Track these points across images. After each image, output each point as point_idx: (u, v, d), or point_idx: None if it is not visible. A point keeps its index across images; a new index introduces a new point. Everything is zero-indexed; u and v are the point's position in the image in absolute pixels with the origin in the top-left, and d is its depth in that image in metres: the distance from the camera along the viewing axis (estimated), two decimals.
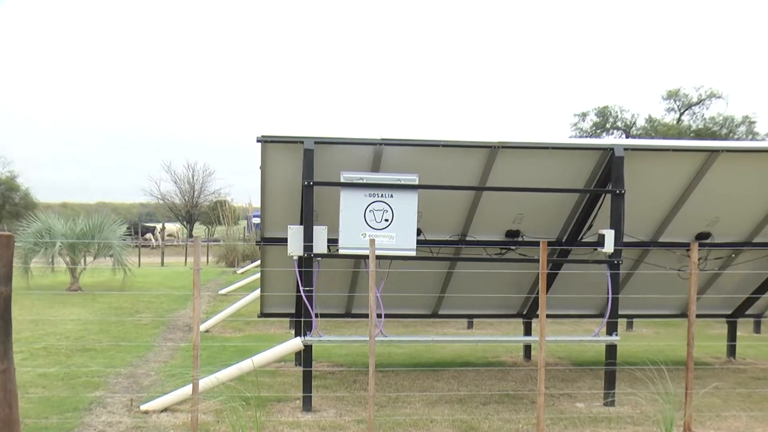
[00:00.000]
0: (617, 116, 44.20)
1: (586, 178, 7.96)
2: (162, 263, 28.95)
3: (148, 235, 42.89)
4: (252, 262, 23.28)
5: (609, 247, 7.39)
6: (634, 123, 44.41)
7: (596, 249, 7.69)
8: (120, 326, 12.35)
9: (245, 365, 7.13)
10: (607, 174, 7.66)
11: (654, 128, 41.96)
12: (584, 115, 44.78)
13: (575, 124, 44.98)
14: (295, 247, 7.18)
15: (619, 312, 7.74)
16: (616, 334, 7.53)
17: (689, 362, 6.53)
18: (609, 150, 7.59)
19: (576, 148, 7.83)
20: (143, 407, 6.99)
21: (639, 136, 42.11)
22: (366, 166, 7.56)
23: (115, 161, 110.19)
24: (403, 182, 7.09)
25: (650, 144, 8.38)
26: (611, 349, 7.61)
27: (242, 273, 21.90)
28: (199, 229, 53.49)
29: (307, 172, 7.06)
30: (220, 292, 17.34)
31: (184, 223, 53.09)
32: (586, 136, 43.40)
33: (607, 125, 44.15)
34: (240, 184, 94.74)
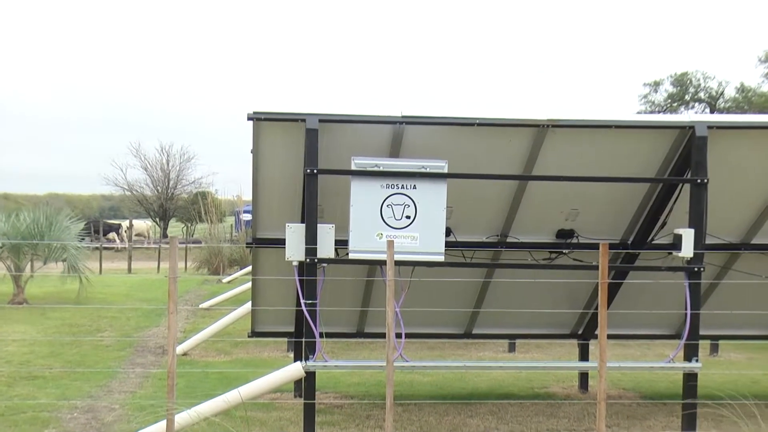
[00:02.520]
0: (699, 85, 43.97)
1: (658, 165, 7.96)
2: (129, 270, 29.08)
3: (112, 235, 43.22)
4: (241, 269, 23.28)
5: (687, 250, 7.39)
6: (722, 93, 44.13)
7: (671, 253, 7.69)
8: (76, 348, 12.47)
9: (232, 397, 7.17)
10: (686, 159, 7.66)
11: (747, 100, 41.62)
12: (657, 84, 44.59)
13: (645, 96, 44.79)
14: (294, 251, 7.22)
15: (701, 332, 7.71)
16: (697, 360, 7.53)
17: None
18: (688, 128, 7.58)
19: (646, 127, 7.83)
20: None
21: (728, 111, 41.80)
22: (382, 150, 7.60)
23: (70, 143, 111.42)
24: (428, 170, 7.13)
25: (742, 120, 8.36)
26: (690, 378, 7.62)
27: (229, 282, 21.93)
28: (175, 228, 53.78)
29: (310, 158, 7.10)
30: (201, 306, 17.36)
31: (157, 219, 53.40)
32: (660, 111, 43.18)
33: (687, 97, 43.91)
34: (226, 172, 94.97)
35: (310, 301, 7.12)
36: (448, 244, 7.36)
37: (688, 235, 7.39)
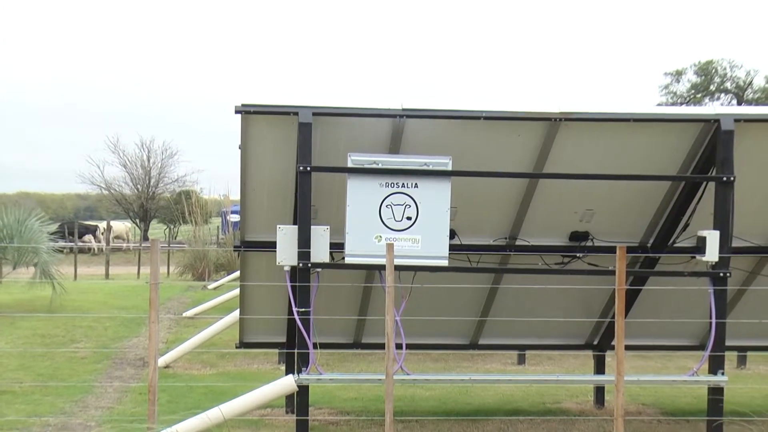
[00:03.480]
0: (725, 74, 43.99)
1: (680, 161, 7.98)
2: (106, 275, 28.98)
3: (88, 238, 43.20)
4: (228, 275, 23.15)
5: (712, 254, 7.41)
6: (750, 83, 44.14)
7: (694, 257, 7.70)
8: (48, 360, 12.46)
9: (215, 414, 7.16)
10: (710, 155, 7.68)
11: None
12: (679, 74, 44.62)
13: (666, 87, 44.82)
14: (286, 255, 7.26)
15: (727, 343, 7.71)
16: (723, 373, 7.54)
17: None
18: (713, 121, 7.58)
19: (667, 120, 7.81)
20: None
21: (757, 102, 41.78)
22: (381, 146, 7.61)
23: (42, 138, 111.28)
24: (431, 167, 7.17)
25: None
26: (716, 393, 7.61)
27: (215, 289, 21.86)
28: (156, 230, 53.60)
29: (304, 154, 7.12)
30: (185, 315, 17.30)
31: (137, 221, 53.29)
32: (682, 103, 43.20)
33: (711, 87, 43.94)
34: (212, 169, 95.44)
35: (303, 309, 7.13)
36: (452, 248, 7.35)
37: (712, 238, 7.40)
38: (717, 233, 7.41)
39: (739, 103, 42.83)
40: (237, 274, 17.73)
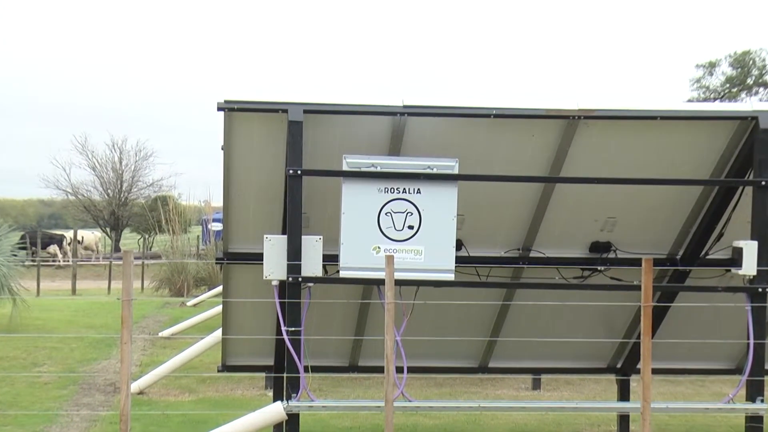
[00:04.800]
0: (764, 66, 43.92)
1: (713, 164, 7.98)
2: (73, 291, 29.07)
3: (53, 248, 43.23)
4: (210, 290, 23.35)
5: (750, 267, 7.42)
6: None
7: (729, 270, 7.72)
8: (7, 386, 12.40)
9: None
10: (748, 156, 7.68)
11: None
12: (712, 66, 44.56)
13: (698, 81, 44.71)
14: (274, 268, 7.26)
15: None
16: (762, 400, 7.53)
17: None
18: (751, 119, 7.57)
19: (699, 118, 7.80)
20: None
21: None
22: (380, 147, 7.63)
23: (1, 135, 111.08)
24: (436, 170, 7.17)
25: None
26: (754, 421, 7.61)
27: (195, 306, 21.98)
28: (129, 240, 53.62)
29: (294, 156, 7.13)
30: (161, 335, 17.36)
31: (108, 230, 53.25)
32: (716, 99, 43.17)
33: (749, 81, 43.88)
34: (192, 172, 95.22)
35: (292, 329, 7.13)
36: (459, 260, 7.38)
37: (750, 249, 7.41)
38: (755, 244, 7.42)
39: None
40: (219, 289, 17.71)
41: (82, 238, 46.46)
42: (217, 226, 33.12)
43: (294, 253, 7.15)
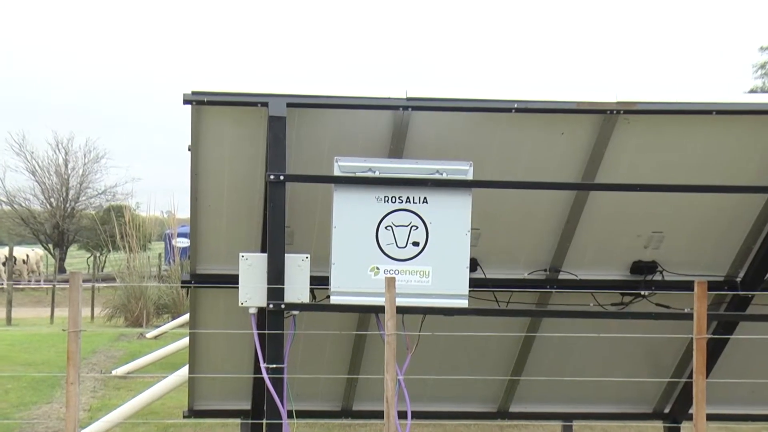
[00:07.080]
0: None
1: None
2: (8, 320, 28.66)
3: None
4: (174, 319, 23.20)
5: None
6: None
7: None
8: None
9: None
10: None
11: None
12: None
13: (762, 67, 44.22)
14: (252, 293, 6.99)
15: None
16: None
17: None
18: None
19: (762, 112, 7.46)
20: None
21: None
22: (379, 148, 7.41)
23: None
24: (445, 175, 6.92)
25: None
26: None
27: (156, 338, 21.83)
28: (77, 259, 53.13)
29: (276, 159, 6.86)
30: (114, 373, 17.10)
31: (50, 246, 52.54)
32: None
33: None
34: (152, 178, 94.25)
35: (273, 366, 6.86)
36: (473, 283, 7.10)
37: None
38: None
39: None
40: (185, 318, 17.49)
41: (27, 256, 45.67)
42: (183, 242, 32.94)
43: (275, 274, 6.88)
